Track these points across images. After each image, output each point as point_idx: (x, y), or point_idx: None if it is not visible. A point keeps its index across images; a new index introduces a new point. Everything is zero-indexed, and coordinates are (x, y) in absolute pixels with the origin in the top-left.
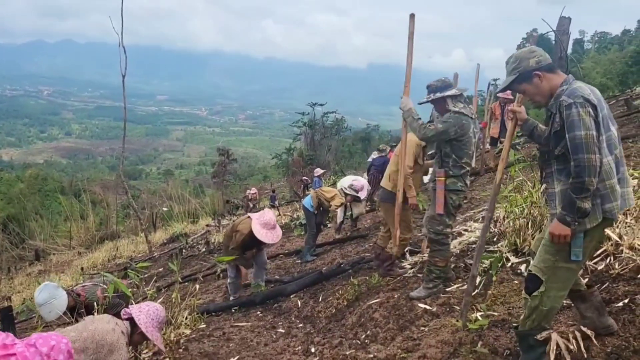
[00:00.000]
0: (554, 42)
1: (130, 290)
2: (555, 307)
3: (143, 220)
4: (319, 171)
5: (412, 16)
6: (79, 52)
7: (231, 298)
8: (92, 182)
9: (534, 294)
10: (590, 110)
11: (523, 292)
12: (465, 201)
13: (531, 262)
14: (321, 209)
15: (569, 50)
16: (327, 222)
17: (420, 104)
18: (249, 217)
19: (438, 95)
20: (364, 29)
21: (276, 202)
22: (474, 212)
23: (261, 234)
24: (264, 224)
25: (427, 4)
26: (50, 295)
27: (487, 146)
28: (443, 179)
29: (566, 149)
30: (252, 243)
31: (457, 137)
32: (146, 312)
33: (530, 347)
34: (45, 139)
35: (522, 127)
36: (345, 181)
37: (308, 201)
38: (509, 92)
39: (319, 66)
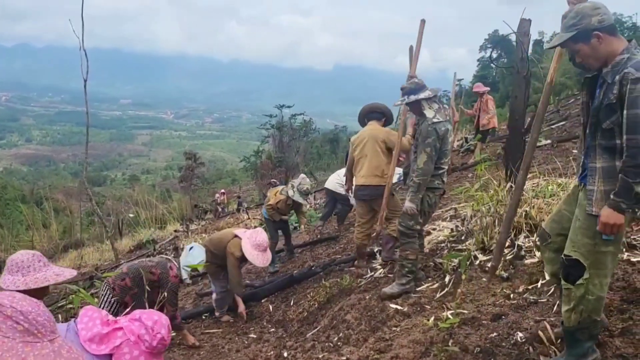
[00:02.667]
0: (515, 43)
1: (96, 300)
2: (602, 297)
3: (109, 227)
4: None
5: (422, 22)
6: (37, 56)
7: (217, 314)
8: (55, 189)
9: (579, 282)
10: None
11: (562, 281)
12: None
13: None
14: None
15: (530, 51)
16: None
17: (395, 105)
18: (236, 236)
19: (412, 98)
20: (329, 29)
21: (244, 208)
22: (442, 211)
23: (253, 256)
24: (257, 245)
25: (389, 4)
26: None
27: (455, 144)
28: None
29: (616, 125)
30: (241, 263)
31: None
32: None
33: (576, 342)
34: (4, 146)
35: None
36: (296, 180)
37: (264, 211)
38: (482, 86)
39: (285, 68)
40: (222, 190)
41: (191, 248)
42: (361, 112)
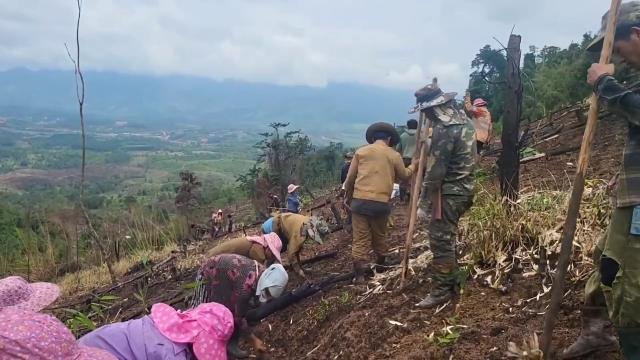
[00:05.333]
0: (506, 58)
1: (95, 324)
2: None
3: (105, 249)
4: (292, 187)
5: (434, 80)
6: (32, 79)
7: None
8: (51, 212)
9: (614, 281)
10: None
11: (601, 285)
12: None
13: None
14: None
15: (521, 65)
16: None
17: (409, 113)
18: (254, 242)
19: (425, 105)
20: (321, 47)
21: (232, 226)
22: None
23: (279, 256)
24: (279, 248)
25: (377, 22)
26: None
27: None
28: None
29: None
30: None
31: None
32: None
33: (632, 349)
34: None
35: None
36: (316, 220)
37: (268, 225)
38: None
39: (280, 86)
40: (220, 210)
41: (273, 269)
42: (369, 130)
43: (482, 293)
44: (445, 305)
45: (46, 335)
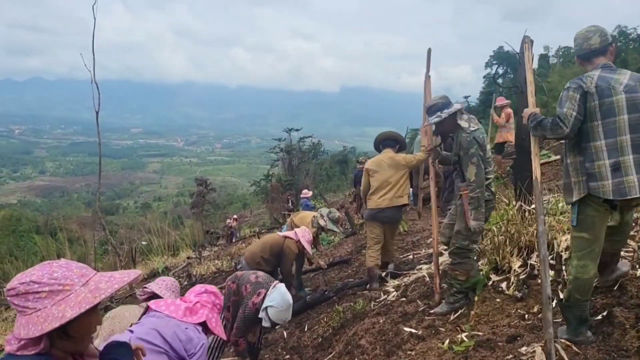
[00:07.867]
0: (519, 61)
1: None
2: (580, 278)
3: (122, 256)
4: (307, 193)
5: (429, 51)
6: (48, 89)
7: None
8: (68, 219)
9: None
10: (578, 95)
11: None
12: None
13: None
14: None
15: (535, 66)
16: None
17: (428, 124)
18: (286, 237)
19: (447, 111)
20: (333, 52)
21: (237, 236)
22: None
23: (310, 249)
24: (310, 242)
25: (388, 27)
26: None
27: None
28: (467, 192)
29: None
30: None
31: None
32: (164, 285)
33: (566, 319)
34: (18, 178)
35: None
36: (324, 210)
37: (285, 229)
38: (503, 99)
39: (292, 91)
40: (234, 216)
41: (274, 287)
42: (376, 139)
43: (498, 299)
44: (460, 312)
45: (57, 269)
